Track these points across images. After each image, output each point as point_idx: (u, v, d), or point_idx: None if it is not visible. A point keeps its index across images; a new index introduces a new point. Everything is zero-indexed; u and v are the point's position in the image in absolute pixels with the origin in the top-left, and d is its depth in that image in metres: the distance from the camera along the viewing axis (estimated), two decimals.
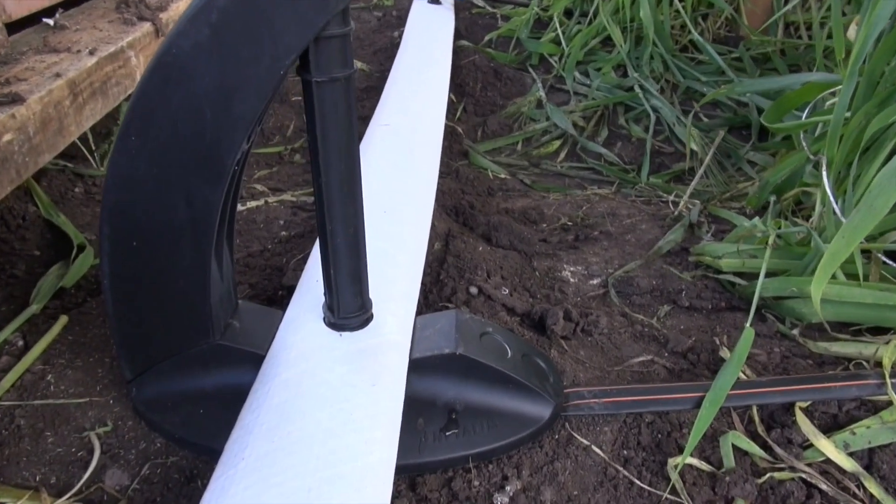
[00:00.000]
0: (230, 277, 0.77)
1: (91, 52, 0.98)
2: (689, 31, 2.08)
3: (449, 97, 1.76)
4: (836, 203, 0.98)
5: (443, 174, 1.47)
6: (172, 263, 0.69)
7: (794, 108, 1.33)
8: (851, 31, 1.25)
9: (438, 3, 2.34)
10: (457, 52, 2.07)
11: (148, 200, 0.65)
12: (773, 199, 1.24)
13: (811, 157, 1.15)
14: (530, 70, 2.12)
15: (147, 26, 1.14)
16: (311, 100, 0.62)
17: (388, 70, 1.90)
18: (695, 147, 1.66)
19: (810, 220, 1.14)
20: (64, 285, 0.99)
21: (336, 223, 0.69)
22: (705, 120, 1.81)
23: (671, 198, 1.46)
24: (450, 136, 1.72)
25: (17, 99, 0.80)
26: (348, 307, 0.74)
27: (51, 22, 1.09)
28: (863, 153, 1.05)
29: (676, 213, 1.37)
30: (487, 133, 1.80)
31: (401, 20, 2.41)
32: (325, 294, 0.75)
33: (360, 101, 1.87)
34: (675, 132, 1.77)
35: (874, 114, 1.06)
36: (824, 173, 1.03)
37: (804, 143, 1.18)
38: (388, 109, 1.41)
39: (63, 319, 0.89)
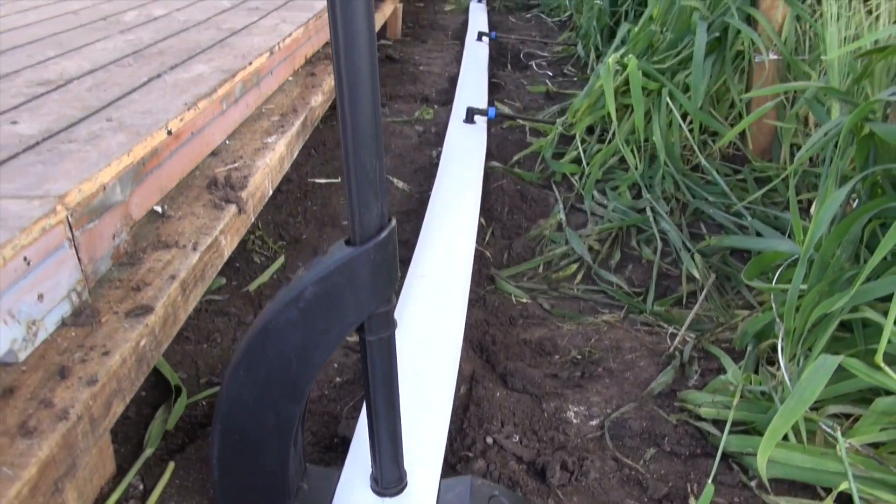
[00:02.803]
0: (301, 451, 1.03)
1: (194, 248, 1.27)
2: (698, 154, 2.31)
3: (479, 221, 2.02)
4: (788, 375, 1.19)
5: (471, 303, 1.72)
6: (263, 451, 0.95)
7: (771, 264, 1.55)
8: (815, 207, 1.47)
9: (473, 122, 2.63)
10: (487, 175, 2.34)
11: (248, 412, 0.91)
12: (750, 346, 1.45)
13: (777, 319, 1.36)
14: (554, 188, 2.38)
15: (232, 209, 1.43)
16: (364, 349, 0.88)
17: (426, 191, 2.18)
18: (696, 274, 1.88)
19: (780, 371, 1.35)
20: (167, 428, 1.26)
21: (381, 422, 0.94)
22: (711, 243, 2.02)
23: (671, 329, 1.68)
24: (479, 260, 1.97)
25: (148, 310, 1.08)
26: (389, 480, 0.98)
27: (160, 210, 1.39)
28: (814, 326, 1.26)
29: (672, 349, 1.58)
30: (513, 256, 2.05)
31: (438, 136, 2.70)
32: (371, 465, 1.00)
33: (400, 224, 2.14)
34: (682, 256, 1.99)
35: (827, 293, 1.27)
36: (779, 344, 1.24)
37: (773, 305, 1.39)
38: (424, 257, 1.68)
39: (171, 466, 1.16)
